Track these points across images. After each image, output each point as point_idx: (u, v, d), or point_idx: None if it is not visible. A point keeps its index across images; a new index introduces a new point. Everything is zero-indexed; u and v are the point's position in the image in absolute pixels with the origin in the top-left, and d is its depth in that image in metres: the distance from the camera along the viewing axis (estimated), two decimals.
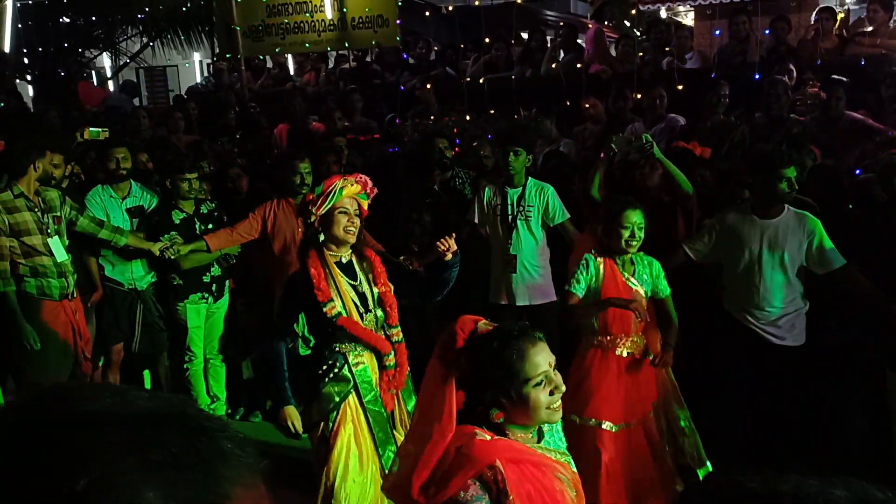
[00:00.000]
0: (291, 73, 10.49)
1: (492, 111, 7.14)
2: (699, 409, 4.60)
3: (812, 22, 7.42)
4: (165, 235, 4.87)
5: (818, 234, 3.86)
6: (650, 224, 4.47)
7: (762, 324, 3.97)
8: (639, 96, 6.30)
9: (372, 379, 3.33)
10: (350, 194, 3.30)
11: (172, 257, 4.79)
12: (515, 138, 4.76)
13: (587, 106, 6.45)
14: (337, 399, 3.26)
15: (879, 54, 6.53)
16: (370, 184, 3.36)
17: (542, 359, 1.96)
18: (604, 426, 3.69)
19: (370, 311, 3.33)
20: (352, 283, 3.35)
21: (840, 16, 11.74)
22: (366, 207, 3.40)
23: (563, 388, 1.98)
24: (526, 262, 4.68)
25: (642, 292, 3.72)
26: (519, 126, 5.96)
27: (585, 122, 6.41)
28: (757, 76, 6.27)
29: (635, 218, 3.68)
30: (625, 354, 3.76)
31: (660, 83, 6.28)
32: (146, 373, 5.52)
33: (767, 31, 7.12)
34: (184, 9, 11.13)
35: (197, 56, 16.42)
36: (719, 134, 5.39)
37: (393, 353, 3.37)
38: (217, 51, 10.02)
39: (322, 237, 3.32)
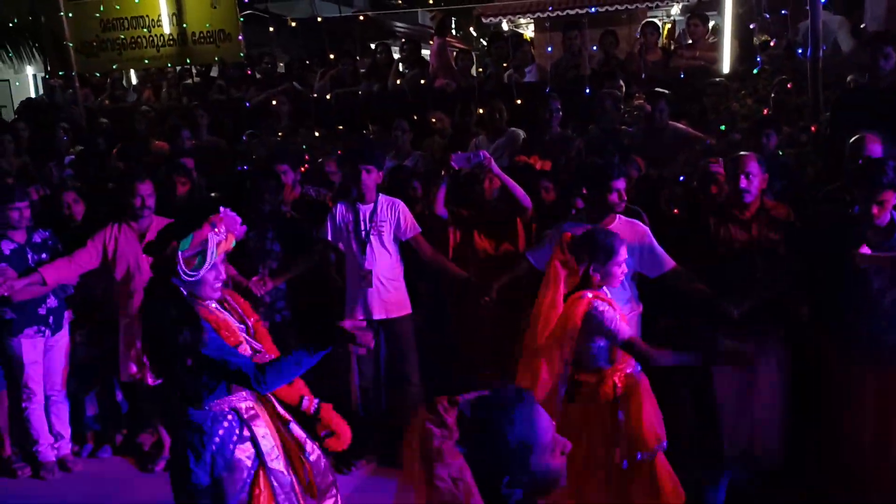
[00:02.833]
0: (133, 89, 10.01)
1: (340, 127, 7.14)
2: None
3: (637, 36, 7.89)
4: None
5: (648, 239, 4.08)
6: (492, 235, 4.69)
7: None
8: (481, 110, 6.42)
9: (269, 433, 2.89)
10: (224, 250, 2.84)
11: (6, 294, 4.45)
12: (367, 155, 4.80)
13: (434, 120, 6.58)
14: (249, 464, 2.78)
15: (698, 66, 7.00)
16: (239, 222, 2.90)
17: (548, 421, 1.73)
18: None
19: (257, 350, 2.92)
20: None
21: (667, 27, 12.47)
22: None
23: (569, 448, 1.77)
24: (381, 276, 4.73)
25: None
26: (370, 142, 6.01)
27: (433, 136, 6.54)
28: (588, 90, 6.56)
29: None
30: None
31: (500, 97, 6.40)
32: None
33: (595, 47, 7.45)
34: (10, 25, 10.40)
35: (30, 70, 15.43)
36: (558, 147, 5.64)
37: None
38: (50, 67, 9.46)
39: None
